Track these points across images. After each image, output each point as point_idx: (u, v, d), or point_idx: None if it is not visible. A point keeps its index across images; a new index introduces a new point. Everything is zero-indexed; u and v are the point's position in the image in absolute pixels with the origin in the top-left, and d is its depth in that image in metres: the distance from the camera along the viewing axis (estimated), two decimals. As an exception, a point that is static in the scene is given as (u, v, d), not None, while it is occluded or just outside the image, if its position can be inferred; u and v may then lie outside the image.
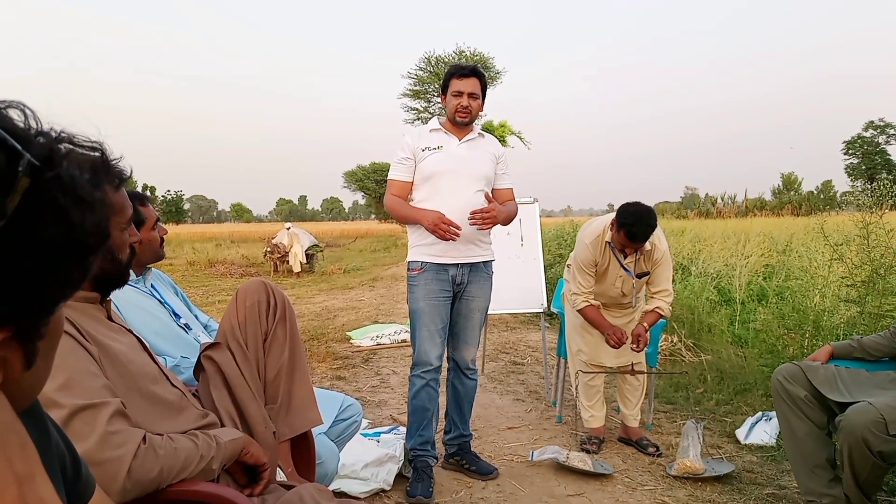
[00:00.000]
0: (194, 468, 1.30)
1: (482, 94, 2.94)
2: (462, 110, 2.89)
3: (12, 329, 0.52)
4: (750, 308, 5.80)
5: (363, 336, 6.51)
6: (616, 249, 3.28)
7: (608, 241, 3.28)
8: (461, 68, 2.94)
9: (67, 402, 1.17)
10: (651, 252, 3.29)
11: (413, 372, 2.96)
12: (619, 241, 3.20)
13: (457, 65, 2.98)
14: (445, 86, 2.96)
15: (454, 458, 3.11)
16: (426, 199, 2.91)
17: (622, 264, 3.29)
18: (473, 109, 2.91)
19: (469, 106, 2.89)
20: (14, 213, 0.48)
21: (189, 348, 2.03)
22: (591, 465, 3.03)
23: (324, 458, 2.00)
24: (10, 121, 0.51)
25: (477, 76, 2.92)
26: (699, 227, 13.60)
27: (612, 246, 3.29)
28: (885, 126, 58.57)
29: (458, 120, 2.92)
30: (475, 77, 2.91)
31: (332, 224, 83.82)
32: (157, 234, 2.20)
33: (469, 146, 2.96)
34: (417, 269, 2.91)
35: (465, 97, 2.88)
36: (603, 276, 3.35)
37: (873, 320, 3.97)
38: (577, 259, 3.36)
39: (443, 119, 3.03)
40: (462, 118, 2.91)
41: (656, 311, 3.30)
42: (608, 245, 3.29)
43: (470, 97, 2.88)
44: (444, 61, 31.51)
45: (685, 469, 2.94)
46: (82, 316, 1.33)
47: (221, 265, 19.05)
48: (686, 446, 2.99)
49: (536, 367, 5.30)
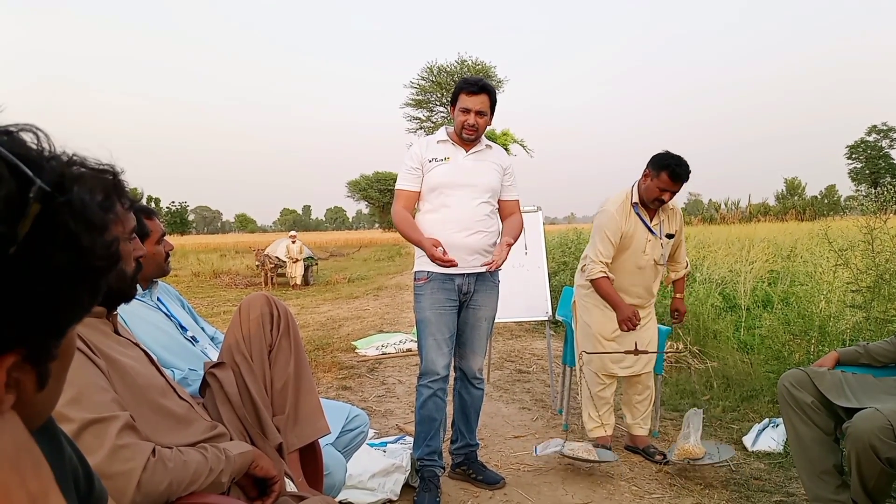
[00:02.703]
0: (204, 481, 1.30)
1: (491, 109, 2.92)
2: (469, 128, 2.88)
3: (24, 352, 0.53)
4: (755, 314, 5.79)
5: (368, 345, 6.52)
6: (641, 214, 3.30)
7: (634, 202, 3.31)
8: (471, 84, 2.90)
9: (77, 416, 1.18)
10: (675, 212, 3.39)
11: (420, 382, 2.96)
12: (657, 187, 3.20)
13: (467, 79, 2.94)
14: (455, 99, 2.95)
15: (461, 468, 3.11)
16: (433, 209, 2.92)
17: (649, 227, 3.30)
18: (480, 127, 2.90)
19: (476, 124, 2.87)
20: (25, 238, 0.48)
21: (196, 361, 2.03)
22: (595, 454, 3.06)
23: (331, 468, 2.00)
24: (23, 145, 0.52)
25: (487, 92, 2.89)
26: (703, 233, 13.57)
27: (638, 210, 3.31)
28: (888, 130, 58.51)
29: (465, 137, 2.91)
30: (485, 94, 2.88)
31: (335, 233, 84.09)
32: (163, 249, 2.18)
33: (476, 158, 2.97)
34: (424, 279, 2.92)
35: (472, 115, 2.86)
36: (629, 243, 3.30)
37: (879, 325, 3.96)
38: (601, 228, 3.29)
39: (451, 130, 3.02)
40: (468, 135, 2.90)
41: (683, 278, 3.54)
42: (633, 209, 3.31)
43: (477, 115, 2.87)
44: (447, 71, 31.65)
45: (685, 453, 2.98)
46: (90, 330, 1.34)
47: (226, 276, 19.15)
48: (687, 432, 3.03)
49: (542, 376, 5.29)
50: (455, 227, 2.86)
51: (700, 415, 3.09)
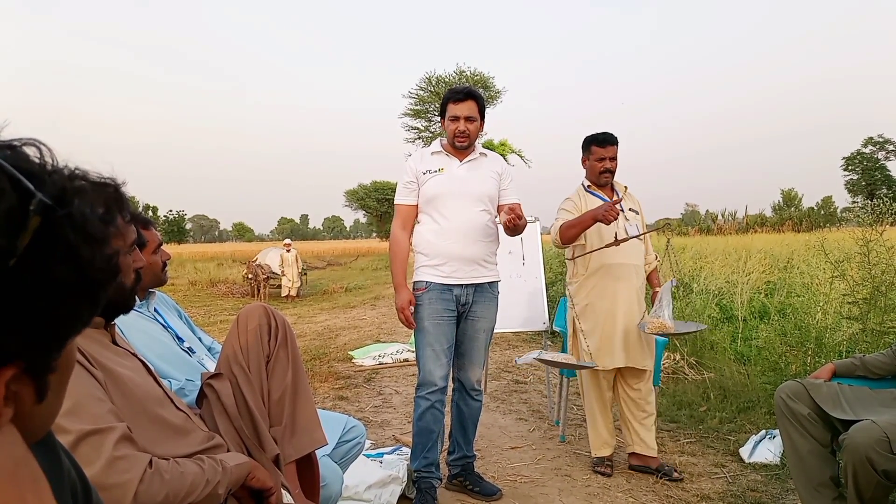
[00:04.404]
0: (200, 492, 1.30)
1: (480, 115, 2.95)
2: (460, 135, 2.91)
3: (23, 364, 0.53)
4: (752, 325, 5.80)
5: (365, 355, 6.51)
6: (598, 193, 3.40)
7: (587, 186, 3.45)
8: (456, 92, 2.94)
9: (74, 427, 1.18)
10: (633, 197, 3.51)
11: (418, 393, 2.95)
12: (595, 161, 3.37)
13: (452, 89, 2.98)
14: (443, 111, 2.98)
15: (458, 479, 3.10)
16: (430, 221, 2.93)
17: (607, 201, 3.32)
18: (472, 133, 2.92)
19: (466, 130, 2.90)
20: (25, 250, 0.49)
21: (193, 371, 2.03)
22: (574, 360, 3.17)
23: (328, 480, 2.00)
24: (26, 159, 0.53)
25: (473, 98, 2.92)
26: (701, 243, 13.60)
27: (592, 191, 3.42)
28: (884, 142, 58.82)
29: (458, 145, 2.93)
30: (471, 100, 2.91)
31: (333, 242, 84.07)
32: (160, 259, 2.18)
33: (470, 167, 2.98)
34: (422, 289, 2.92)
35: (461, 122, 2.89)
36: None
37: (875, 337, 3.97)
38: (558, 209, 3.44)
39: (444, 142, 3.04)
40: (461, 143, 2.93)
41: (655, 270, 3.58)
42: (587, 191, 3.44)
43: (467, 121, 2.89)
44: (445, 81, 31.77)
45: (658, 327, 3.09)
46: (87, 341, 1.34)
47: (223, 285, 19.11)
48: (660, 307, 3.14)
49: (539, 386, 5.29)
50: (453, 237, 2.87)
51: (670, 289, 3.21)
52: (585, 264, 3.37)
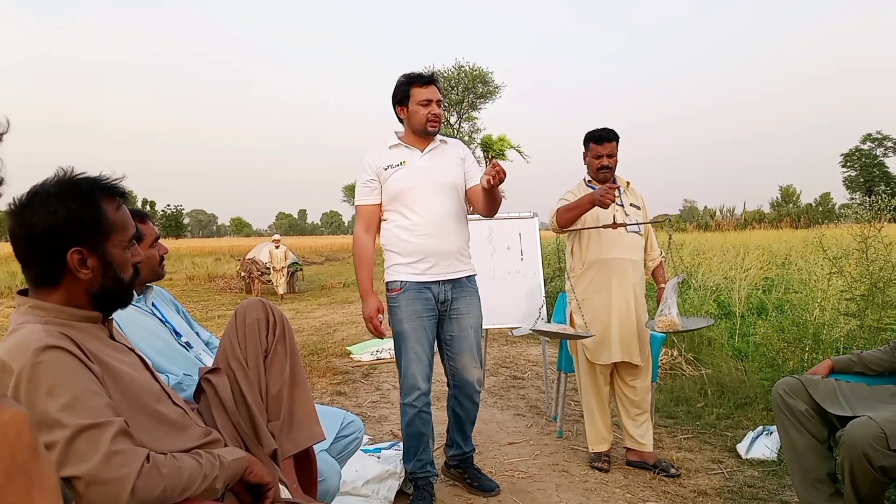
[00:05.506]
0: (198, 487, 1.30)
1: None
2: (433, 119, 2.81)
3: None
4: (750, 321, 5.80)
5: (363, 351, 6.51)
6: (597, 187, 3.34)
7: (588, 180, 3.46)
8: (421, 77, 2.84)
9: (71, 421, 1.17)
10: (636, 193, 3.50)
11: (404, 400, 2.86)
12: (594, 157, 3.37)
13: (413, 73, 2.87)
14: (405, 96, 2.84)
15: (456, 470, 3.09)
16: (398, 218, 2.83)
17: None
18: (441, 116, 2.86)
19: (439, 113, 2.84)
20: None
21: (191, 366, 2.03)
22: (571, 330, 3.18)
23: (325, 475, 2.00)
24: None
25: (436, 82, 2.86)
26: (699, 239, 13.62)
27: (592, 186, 3.40)
28: (882, 139, 58.93)
29: (430, 130, 2.83)
30: (435, 84, 2.84)
31: (331, 238, 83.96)
32: (157, 252, 2.17)
33: (433, 156, 2.88)
34: (397, 290, 2.81)
35: (433, 104, 2.81)
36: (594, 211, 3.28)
37: (873, 334, 3.98)
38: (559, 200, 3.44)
39: (401, 133, 2.93)
40: (433, 127, 2.83)
41: (661, 265, 3.59)
42: (587, 185, 3.44)
43: (438, 104, 2.83)
44: (444, 76, 31.69)
45: (667, 325, 3.09)
46: (85, 335, 1.34)
47: (221, 280, 19.12)
48: (668, 304, 3.15)
49: (537, 382, 5.29)
50: (427, 231, 2.77)
51: (676, 286, 3.22)
52: (582, 259, 3.37)
